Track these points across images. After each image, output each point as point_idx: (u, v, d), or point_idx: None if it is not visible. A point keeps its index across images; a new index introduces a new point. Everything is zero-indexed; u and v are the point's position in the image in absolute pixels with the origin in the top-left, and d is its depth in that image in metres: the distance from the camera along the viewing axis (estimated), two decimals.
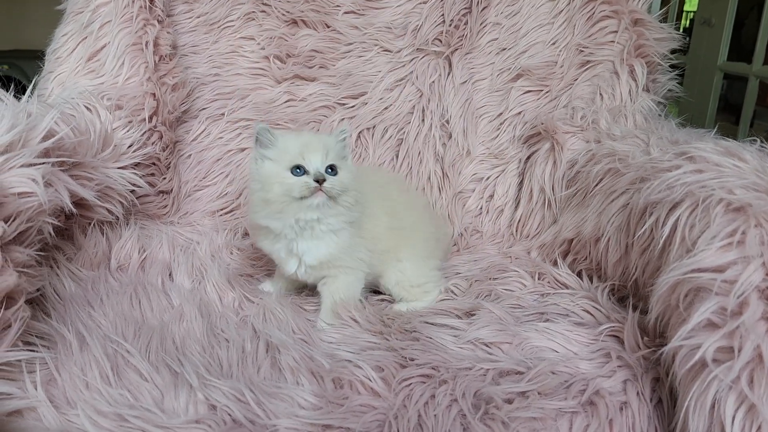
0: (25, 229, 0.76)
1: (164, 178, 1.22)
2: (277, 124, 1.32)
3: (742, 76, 2.16)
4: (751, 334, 0.60)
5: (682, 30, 2.70)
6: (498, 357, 0.80)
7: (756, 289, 0.62)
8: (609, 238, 0.95)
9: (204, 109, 1.32)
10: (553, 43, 1.33)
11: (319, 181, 0.83)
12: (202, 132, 1.31)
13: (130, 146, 1.10)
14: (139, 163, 1.13)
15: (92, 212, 1.00)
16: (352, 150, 1.32)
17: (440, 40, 1.34)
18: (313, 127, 1.32)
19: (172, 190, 1.25)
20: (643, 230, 0.83)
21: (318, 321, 0.92)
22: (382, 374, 0.75)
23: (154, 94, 1.17)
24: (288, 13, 1.34)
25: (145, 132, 1.15)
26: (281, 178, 0.85)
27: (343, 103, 1.34)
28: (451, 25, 1.33)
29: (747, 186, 0.71)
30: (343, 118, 1.33)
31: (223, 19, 1.34)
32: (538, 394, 0.72)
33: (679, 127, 1.14)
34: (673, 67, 1.32)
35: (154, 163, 1.19)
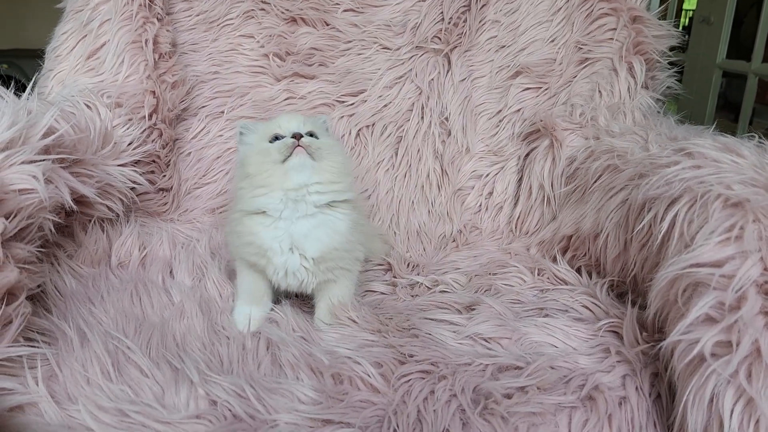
0: (26, 226, 0.76)
1: (164, 176, 1.23)
2: None
3: (741, 73, 2.16)
4: (749, 329, 0.60)
5: (681, 28, 2.71)
6: (497, 352, 0.80)
7: (754, 284, 0.62)
8: (608, 234, 0.95)
9: (203, 107, 1.32)
10: (552, 41, 1.33)
11: (296, 137, 0.82)
12: (202, 130, 1.31)
13: (130, 144, 1.11)
14: (139, 161, 1.13)
15: (92, 209, 1.00)
16: (352, 148, 1.32)
17: (439, 38, 1.34)
18: None
19: (172, 187, 1.25)
20: (641, 226, 0.83)
21: (316, 322, 0.91)
22: (381, 370, 0.75)
23: (154, 92, 1.17)
24: (287, 11, 1.34)
25: (145, 129, 1.15)
26: (259, 149, 0.84)
27: (343, 101, 1.34)
28: (450, 23, 1.34)
29: (745, 181, 0.71)
30: (342, 116, 1.33)
31: (223, 17, 1.34)
32: (538, 389, 0.72)
33: (677, 124, 1.14)
34: (672, 64, 1.32)
35: (154, 161, 1.19)
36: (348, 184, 0.88)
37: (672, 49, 1.30)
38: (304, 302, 0.98)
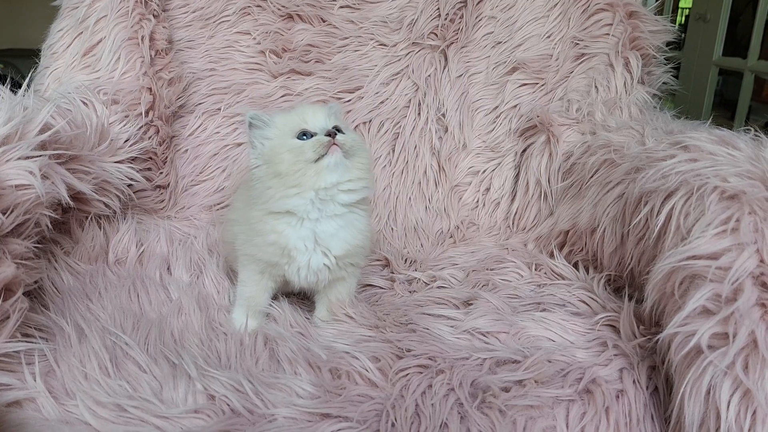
0: (23, 222, 0.76)
1: (161, 173, 1.22)
2: None
3: (738, 71, 2.17)
4: (745, 320, 0.60)
5: (678, 26, 2.71)
6: (495, 346, 0.80)
7: (750, 276, 0.62)
8: (605, 229, 0.95)
9: (200, 104, 1.31)
10: (549, 36, 1.33)
11: (331, 135, 0.79)
12: (199, 127, 1.31)
13: (126, 141, 1.10)
14: (136, 158, 1.13)
15: (89, 206, 1.00)
16: None
17: (436, 34, 1.34)
18: None
19: (169, 184, 1.25)
20: (638, 220, 0.83)
21: (315, 320, 0.91)
22: (379, 365, 0.75)
23: (151, 89, 1.17)
24: (283, 7, 1.34)
25: (142, 126, 1.15)
26: (290, 146, 0.80)
27: (339, 97, 1.34)
28: (446, 19, 1.34)
29: (741, 174, 0.71)
30: None
31: (219, 14, 1.34)
32: (535, 382, 0.72)
33: (674, 119, 1.14)
34: (668, 59, 1.32)
35: (151, 158, 1.19)
36: (372, 179, 0.86)
37: (668, 45, 1.30)
38: (301, 300, 0.98)
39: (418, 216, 1.29)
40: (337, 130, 0.81)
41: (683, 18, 3.18)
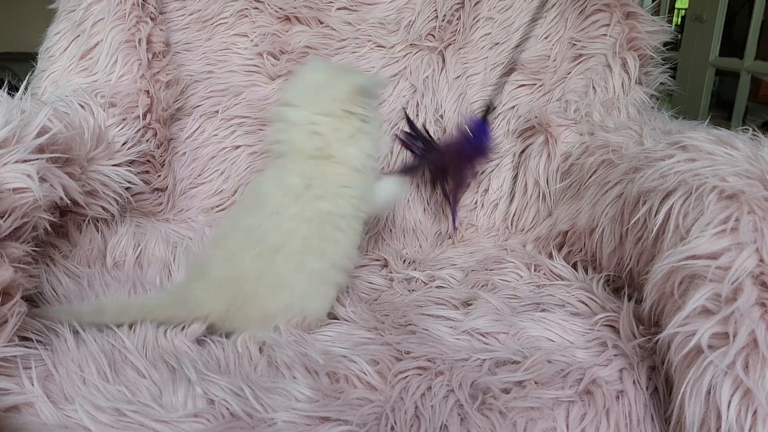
0: (21, 225, 0.76)
1: (159, 176, 1.22)
2: (271, 122, 1.32)
3: (734, 71, 2.17)
4: (745, 320, 0.60)
5: (674, 26, 2.71)
6: (494, 347, 0.80)
7: (750, 275, 0.62)
8: (603, 229, 0.95)
9: (198, 106, 1.31)
10: (546, 37, 1.33)
11: None
12: (197, 129, 1.31)
13: (124, 143, 1.10)
14: (134, 161, 1.12)
15: (87, 209, 1.00)
16: None
17: (433, 36, 1.34)
18: None
19: (167, 187, 1.24)
20: (636, 219, 0.83)
21: None
22: (378, 367, 0.75)
23: (148, 92, 1.17)
24: (281, 9, 1.34)
25: (140, 129, 1.15)
26: None
27: None
28: (444, 20, 1.34)
29: (740, 173, 0.71)
30: None
31: (216, 16, 1.33)
32: (535, 383, 0.72)
33: (671, 119, 1.15)
34: (665, 60, 1.32)
35: (149, 161, 1.19)
36: None
37: (665, 46, 1.30)
38: None
39: (416, 217, 1.29)
40: None
41: (679, 18, 3.19)
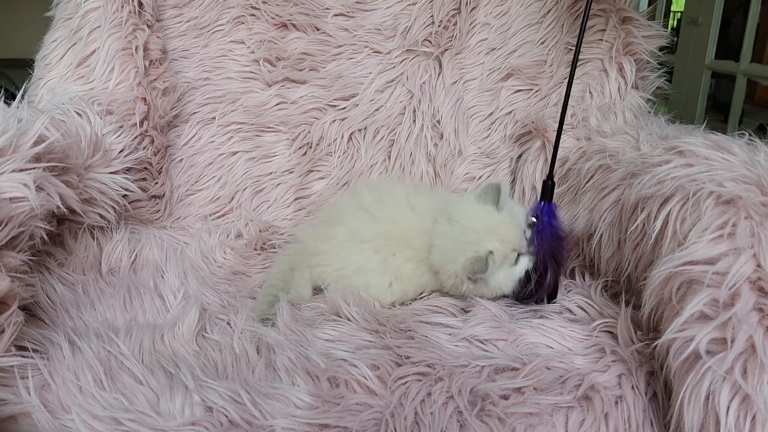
0: (17, 234, 0.75)
1: (156, 183, 1.22)
2: (268, 127, 1.32)
3: (730, 74, 2.18)
4: (743, 325, 0.60)
5: (670, 30, 2.72)
6: (493, 354, 0.80)
7: (747, 280, 0.62)
8: (601, 235, 0.95)
9: (195, 113, 1.31)
10: (542, 43, 1.33)
11: None
12: (194, 136, 1.31)
13: (121, 151, 1.10)
14: (131, 168, 1.12)
15: (84, 217, 1.00)
16: (345, 152, 1.32)
17: (430, 41, 1.34)
18: (305, 129, 1.32)
19: (164, 194, 1.24)
20: (635, 225, 0.84)
21: None
22: (378, 372, 0.75)
23: (145, 99, 1.17)
24: (277, 16, 1.34)
25: (137, 137, 1.15)
26: None
27: (334, 105, 1.34)
28: (440, 26, 1.34)
29: (736, 179, 0.71)
30: (334, 120, 1.33)
31: (213, 24, 1.33)
32: (534, 389, 0.72)
33: (668, 124, 1.15)
34: (661, 64, 1.33)
35: (146, 168, 1.19)
36: None
37: (661, 50, 1.30)
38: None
39: None
40: None
41: (675, 22, 3.20)
